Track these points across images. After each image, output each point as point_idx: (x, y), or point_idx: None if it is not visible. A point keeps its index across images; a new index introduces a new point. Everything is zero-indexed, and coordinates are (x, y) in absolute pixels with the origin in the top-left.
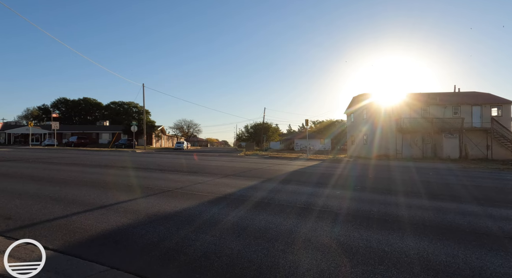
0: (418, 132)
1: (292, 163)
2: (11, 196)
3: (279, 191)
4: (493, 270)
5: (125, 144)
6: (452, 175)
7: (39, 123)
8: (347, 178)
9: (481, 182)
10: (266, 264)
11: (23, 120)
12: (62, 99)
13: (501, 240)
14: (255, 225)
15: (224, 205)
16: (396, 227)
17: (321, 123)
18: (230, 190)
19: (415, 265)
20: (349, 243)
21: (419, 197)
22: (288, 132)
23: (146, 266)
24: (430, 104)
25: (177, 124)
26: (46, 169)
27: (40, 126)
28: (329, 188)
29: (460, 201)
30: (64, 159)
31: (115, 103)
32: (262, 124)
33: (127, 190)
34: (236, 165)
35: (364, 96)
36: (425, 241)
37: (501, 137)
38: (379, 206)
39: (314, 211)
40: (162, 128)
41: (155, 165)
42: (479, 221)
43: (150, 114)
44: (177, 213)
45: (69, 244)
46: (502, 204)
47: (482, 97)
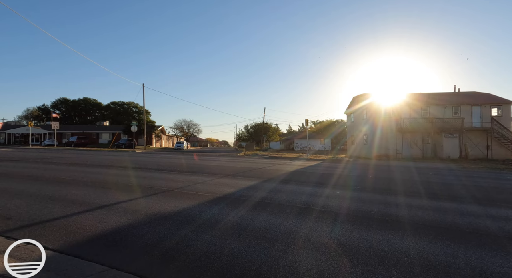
0: (418, 133)
1: (292, 163)
2: (11, 196)
3: (279, 191)
4: (493, 270)
5: (125, 144)
6: (452, 175)
7: (39, 123)
8: (347, 178)
9: (481, 182)
10: (266, 264)
11: (23, 120)
12: (62, 99)
13: (501, 240)
14: (255, 225)
15: (224, 205)
16: (396, 227)
17: (321, 123)
18: (230, 190)
19: (415, 265)
20: (349, 243)
21: (419, 197)
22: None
23: (146, 266)
24: (430, 104)
25: (177, 124)
26: (46, 169)
27: (40, 126)
28: (329, 188)
29: (460, 201)
30: (64, 159)
31: (115, 103)
32: (262, 124)
33: (127, 190)
34: (236, 165)
35: (364, 96)
36: (425, 241)
37: (501, 137)
38: (379, 206)
39: (314, 211)
40: (162, 128)
41: (155, 165)
42: (479, 221)
43: (150, 114)
44: (177, 213)
45: (69, 244)
46: (502, 204)
47: (482, 97)
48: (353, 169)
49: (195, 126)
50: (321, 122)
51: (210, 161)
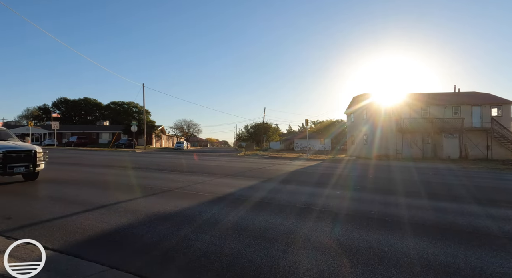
0: (418, 133)
1: (292, 163)
2: (11, 195)
3: (279, 191)
4: (493, 270)
5: (125, 143)
6: (452, 175)
7: (39, 123)
8: (347, 178)
9: (481, 182)
10: (266, 264)
11: (23, 120)
12: (62, 99)
13: (501, 240)
14: (255, 225)
15: (224, 205)
16: (396, 227)
17: (321, 123)
18: (230, 190)
19: (415, 265)
20: (349, 243)
21: (419, 197)
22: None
23: (146, 266)
24: (430, 104)
25: (177, 124)
26: (46, 169)
27: (40, 126)
28: (329, 188)
29: (460, 201)
30: (64, 159)
31: (115, 103)
32: (262, 124)
33: (127, 189)
34: (236, 165)
35: (364, 96)
36: (425, 241)
37: (501, 137)
38: (379, 206)
39: (314, 211)
40: (162, 128)
41: (155, 165)
42: (479, 221)
43: (150, 114)
44: (177, 212)
45: (69, 244)
46: (502, 204)
47: (482, 98)
48: (353, 169)
49: (195, 126)
50: (321, 122)
51: (210, 161)
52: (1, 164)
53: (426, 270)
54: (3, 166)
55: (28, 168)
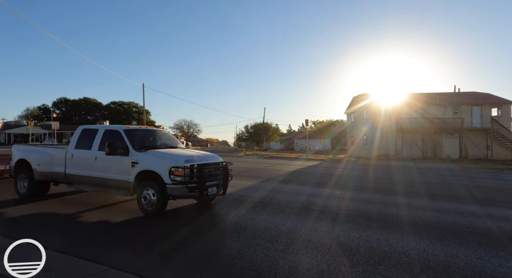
0: (418, 133)
1: (292, 163)
2: (11, 195)
3: (279, 191)
4: (493, 270)
5: None
6: (452, 175)
7: (39, 123)
8: (347, 178)
9: (481, 182)
10: (266, 264)
11: (23, 120)
12: (62, 99)
13: (501, 240)
14: (255, 225)
15: (224, 205)
16: (396, 227)
17: (321, 123)
18: (229, 190)
19: (415, 265)
20: (349, 243)
21: (419, 197)
22: (288, 132)
23: (146, 266)
24: (430, 104)
25: (177, 124)
26: None
27: (40, 126)
28: (329, 188)
29: (460, 201)
30: None
31: (115, 103)
32: (262, 124)
33: None
34: (236, 165)
35: (364, 96)
36: (425, 241)
37: (501, 137)
38: (379, 206)
39: (314, 211)
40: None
41: None
42: (479, 221)
43: (150, 114)
44: (177, 212)
45: (69, 244)
46: (502, 204)
47: (482, 97)
48: (353, 169)
49: (195, 126)
50: (321, 122)
51: None
52: (197, 182)
53: (426, 270)
54: (201, 184)
55: (219, 188)
